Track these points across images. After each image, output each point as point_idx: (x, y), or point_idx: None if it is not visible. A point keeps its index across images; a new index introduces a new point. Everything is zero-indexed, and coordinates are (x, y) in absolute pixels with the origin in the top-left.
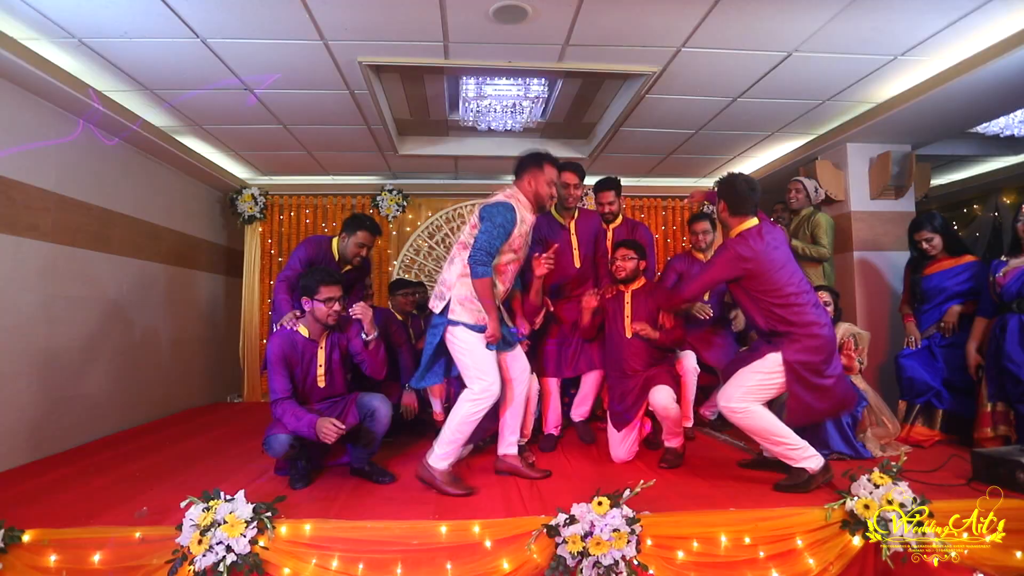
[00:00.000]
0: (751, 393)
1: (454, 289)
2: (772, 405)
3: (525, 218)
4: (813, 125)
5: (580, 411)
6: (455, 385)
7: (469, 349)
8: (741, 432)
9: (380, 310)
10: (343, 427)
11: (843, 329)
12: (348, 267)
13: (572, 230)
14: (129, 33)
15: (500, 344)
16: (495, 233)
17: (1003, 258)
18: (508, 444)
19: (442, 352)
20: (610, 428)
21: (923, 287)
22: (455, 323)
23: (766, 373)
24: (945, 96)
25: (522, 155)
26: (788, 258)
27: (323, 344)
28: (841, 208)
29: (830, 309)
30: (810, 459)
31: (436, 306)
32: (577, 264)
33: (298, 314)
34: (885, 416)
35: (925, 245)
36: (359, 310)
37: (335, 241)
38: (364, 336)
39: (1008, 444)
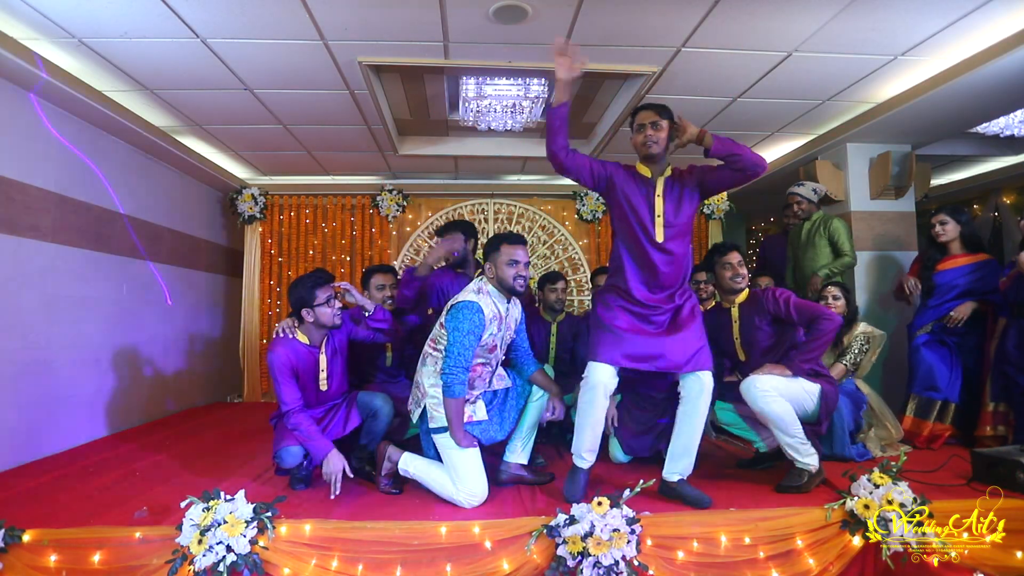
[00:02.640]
0: (785, 390)
1: (428, 396)
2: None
3: (498, 312)
4: (813, 125)
5: (680, 465)
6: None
7: (452, 451)
8: (734, 435)
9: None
10: (351, 474)
11: (860, 328)
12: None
13: (659, 190)
14: (129, 33)
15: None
16: (465, 343)
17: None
18: (517, 452)
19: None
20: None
21: (935, 282)
22: (437, 431)
23: (805, 391)
24: (945, 96)
25: (486, 242)
26: None
27: (324, 349)
28: (841, 208)
29: (840, 303)
30: (812, 457)
31: (413, 412)
32: (659, 238)
33: (294, 323)
34: (888, 420)
35: (938, 228)
36: (344, 284)
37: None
38: (364, 312)
39: (1005, 444)
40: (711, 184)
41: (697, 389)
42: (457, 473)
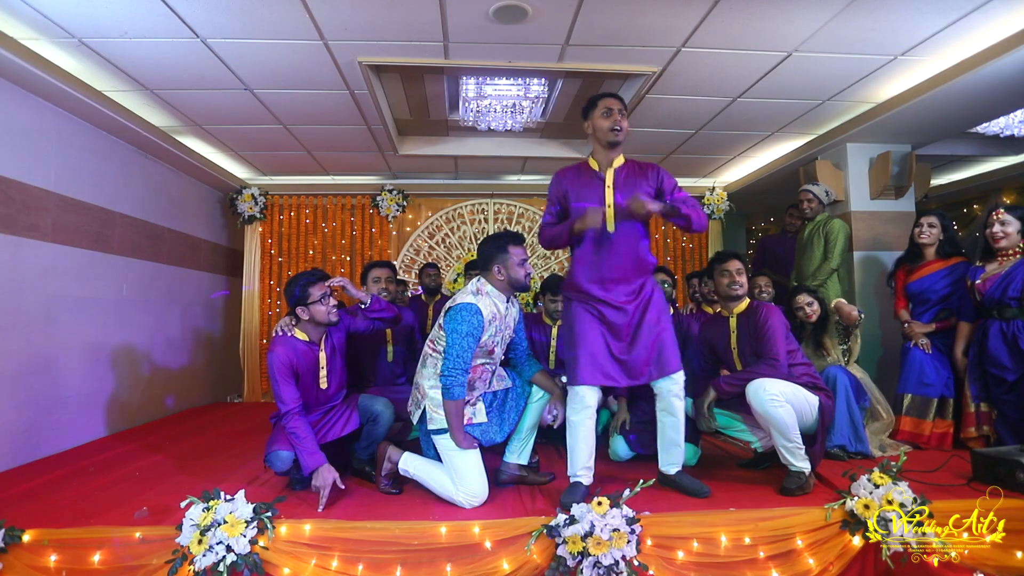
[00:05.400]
0: (791, 396)
1: (427, 398)
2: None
3: (497, 313)
4: (813, 125)
5: (672, 458)
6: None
7: (452, 452)
8: (732, 436)
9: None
10: (341, 485)
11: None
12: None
13: (609, 181)
14: (129, 33)
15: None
16: (464, 345)
17: (978, 263)
18: (516, 453)
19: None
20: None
21: (913, 291)
22: (437, 432)
23: (807, 402)
24: (945, 96)
25: (480, 246)
26: None
27: (323, 347)
28: (841, 208)
29: (815, 307)
30: (804, 462)
31: (413, 413)
32: (610, 228)
33: (292, 320)
34: (881, 407)
35: (925, 229)
36: (338, 280)
37: None
38: (361, 306)
39: (988, 443)
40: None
41: (668, 388)
42: (457, 474)
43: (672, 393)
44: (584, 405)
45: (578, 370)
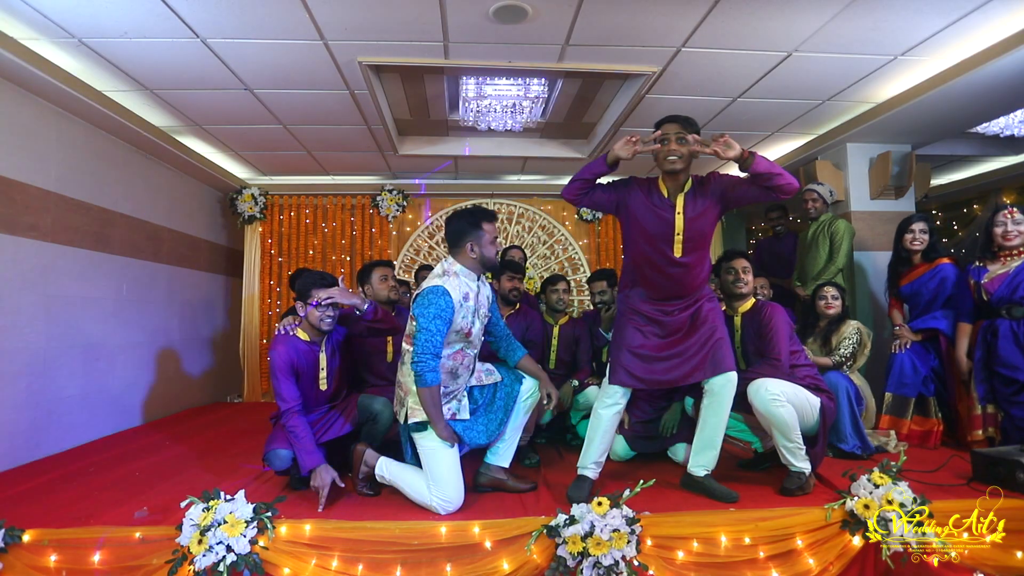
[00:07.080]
0: (792, 396)
1: (410, 394)
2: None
3: (470, 291)
4: (813, 125)
5: (705, 459)
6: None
7: (430, 451)
8: (732, 436)
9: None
10: (340, 484)
11: (854, 325)
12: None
13: (680, 207)
14: (129, 33)
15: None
16: (432, 328)
17: (978, 263)
18: (500, 454)
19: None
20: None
21: (906, 293)
22: (417, 428)
23: (809, 403)
24: (945, 96)
25: (450, 222)
26: None
27: (323, 347)
28: (841, 208)
29: (838, 303)
30: (805, 463)
31: (399, 413)
32: (678, 254)
33: (296, 319)
34: (870, 410)
35: (919, 235)
36: (327, 294)
37: None
38: (357, 312)
39: (994, 445)
40: (734, 198)
41: (721, 384)
42: (433, 477)
43: (726, 392)
44: (615, 401)
45: (618, 369)
